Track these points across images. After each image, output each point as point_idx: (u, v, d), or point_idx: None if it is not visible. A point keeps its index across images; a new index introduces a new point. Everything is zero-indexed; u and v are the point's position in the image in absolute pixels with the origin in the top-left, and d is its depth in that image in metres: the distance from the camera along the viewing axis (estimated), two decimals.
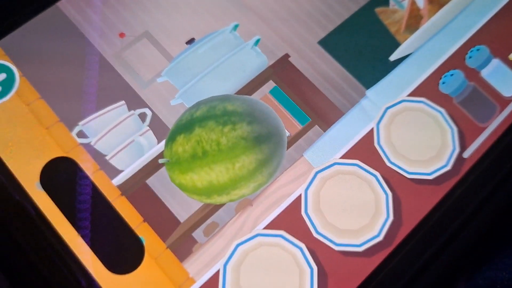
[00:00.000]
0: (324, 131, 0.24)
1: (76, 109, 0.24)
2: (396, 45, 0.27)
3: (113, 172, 0.23)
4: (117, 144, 0.23)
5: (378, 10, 0.27)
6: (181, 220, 0.22)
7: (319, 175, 0.23)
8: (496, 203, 0.24)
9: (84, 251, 0.21)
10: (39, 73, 0.24)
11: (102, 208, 0.22)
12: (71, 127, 0.23)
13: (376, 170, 0.24)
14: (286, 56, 0.26)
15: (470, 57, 0.27)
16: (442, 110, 0.25)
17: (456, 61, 0.27)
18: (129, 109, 0.24)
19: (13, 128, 0.23)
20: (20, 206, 0.22)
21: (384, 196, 0.23)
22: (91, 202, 0.22)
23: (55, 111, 0.23)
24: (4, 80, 0.24)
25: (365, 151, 0.24)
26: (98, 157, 0.23)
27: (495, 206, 0.24)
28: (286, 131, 0.24)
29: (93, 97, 0.24)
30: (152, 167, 0.23)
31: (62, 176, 0.23)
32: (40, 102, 0.24)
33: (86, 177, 0.22)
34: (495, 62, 0.27)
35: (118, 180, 0.23)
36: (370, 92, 0.25)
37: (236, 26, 0.26)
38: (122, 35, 0.25)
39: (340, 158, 0.24)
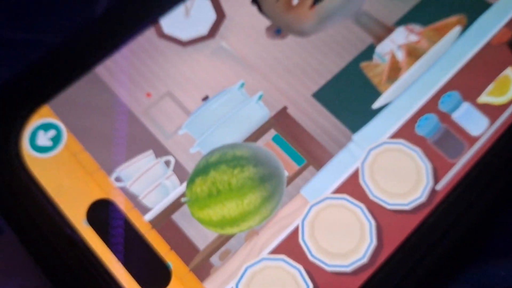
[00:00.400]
0: (317, 170, 0.29)
1: (113, 158, 0.29)
2: (378, 94, 0.31)
3: (145, 210, 0.28)
4: (147, 186, 0.28)
5: (362, 65, 0.32)
6: (201, 248, 0.27)
7: (313, 208, 0.28)
8: (462, 227, 0.28)
9: (122, 274, 0.26)
10: (82, 129, 0.29)
11: (136, 240, 0.27)
12: (109, 173, 0.29)
13: (362, 202, 0.28)
14: (285, 108, 0.31)
15: (442, 102, 0.32)
16: (418, 149, 0.30)
17: (430, 106, 0.31)
18: (156, 157, 0.29)
19: (63, 175, 0.28)
20: (71, 240, 0.27)
21: (368, 224, 0.28)
22: (127, 235, 0.27)
23: (96, 160, 0.29)
24: (54, 136, 0.29)
25: (352, 186, 0.29)
26: (132, 198, 0.28)
27: (461, 229, 0.28)
28: (286, 171, 0.29)
29: (126, 148, 0.29)
30: (176, 205, 0.28)
31: (104, 214, 0.28)
32: (84, 153, 0.29)
33: (123, 214, 0.28)
34: (465, 105, 0.32)
35: (149, 216, 0.28)
36: (355, 136, 0.30)
37: (242, 84, 0.31)
38: (148, 94, 0.30)
39: (331, 193, 0.29)
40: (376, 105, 0.31)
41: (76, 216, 0.26)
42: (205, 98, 0.30)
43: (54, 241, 0.27)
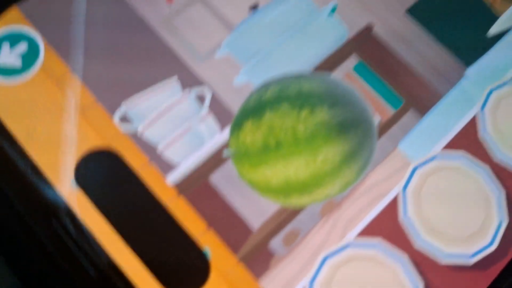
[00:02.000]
0: (421, 116, 0.20)
1: (117, 87, 0.19)
2: (493, 17, 0.22)
3: (167, 167, 0.18)
4: (170, 132, 0.19)
5: None
6: (254, 227, 0.18)
7: (418, 171, 0.19)
8: None
9: (135, 268, 0.17)
10: (69, 42, 0.19)
11: (155, 213, 0.18)
12: (112, 109, 0.19)
13: (486, 163, 0.19)
14: (370, 26, 0.21)
15: None
16: None
17: None
18: (183, 88, 0.19)
19: (39, 112, 0.18)
20: (51, 209, 0.17)
21: (494, 193, 0.19)
22: (140, 205, 0.18)
23: (90, 89, 0.19)
24: (26, 52, 0.19)
25: (470, 141, 0.20)
26: (147, 148, 0.18)
27: None
28: (376, 116, 0.20)
29: (138, 74, 0.19)
30: (215, 160, 0.18)
31: (102, 172, 0.18)
32: (70, 78, 0.19)
33: (133, 174, 0.18)
34: None
35: (173, 177, 0.18)
36: (470, 71, 0.21)
37: None
38: (171, 0, 0.20)
39: (442, 149, 0.20)
40: (492, 31, 0.21)
41: (60, 174, 0.17)
42: (255, 7, 0.20)
43: (28, 209, 0.17)
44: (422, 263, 0.18)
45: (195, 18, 0.21)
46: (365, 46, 0.21)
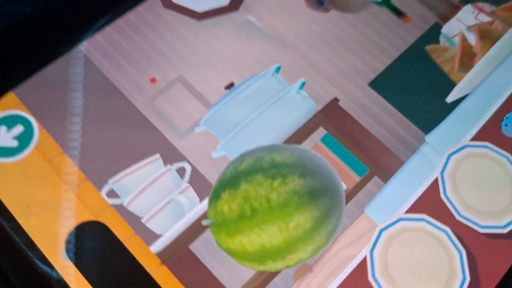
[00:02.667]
0: (385, 182, 0.22)
1: (105, 165, 0.21)
2: (451, 84, 0.24)
3: (151, 237, 0.20)
4: (153, 204, 0.20)
5: (428, 48, 0.25)
6: None
7: (384, 233, 0.21)
8: None
9: None
10: (61, 125, 0.21)
11: (140, 281, 0.19)
12: (100, 185, 0.20)
13: (446, 225, 0.21)
14: (335, 100, 0.23)
15: None
16: (508, 155, 0.23)
17: None
18: (165, 164, 0.21)
19: (33, 189, 0.20)
20: (44, 280, 0.19)
21: (457, 254, 0.20)
22: (126, 273, 0.19)
23: (80, 168, 0.21)
24: (21, 134, 0.21)
25: (431, 203, 0.21)
26: (133, 220, 0.20)
27: None
28: (343, 183, 0.21)
29: (124, 151, 0.21)
30: (195, 230, 0.20)
31: (91, 244, 0.19)
32: (63, 157, 0.21)
33: (120, 244, 0.19)
34: None
35: (156, 246, 0.20)
36: (430, 138, 0.23)
37: (278, 68, 0.23)
38: (153, 80, 0.23)
39: (405, 212, 0.21)
40: (450, 98, 0.24)
41: (51, 247, 0.18)
42: (230, 86, 0.23)
43: (22, 280, 0.18)
44: None
45: (175, 98, 0.23)
46: (332, 118, 0.23)
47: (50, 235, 0.19)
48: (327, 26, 0.25)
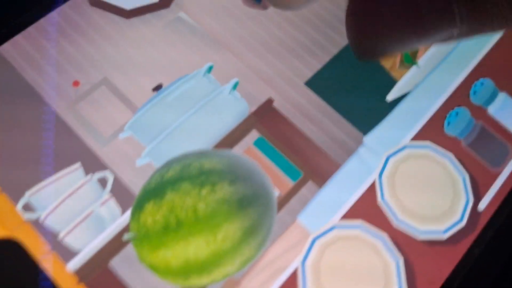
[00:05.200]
0: (320, 187, 0.21)
1: (21, 176, 0.19)
2: (392, 82, 0.23)
3: (68, 253, 0.18)
4: (72, 217, 0.19)
5: None
6: None
7: (317, 242, 0.20)
8: None
9: None
10: None
11: None
12: (16, 198, 0.19)
13: (383, 231, 0.20)
14: (270, 100, 0.22)
15: (474, 93, 0.24)
16: (450, 155, 0.22)
17: (460, 97, 0.24)
18: (86, 173, 0.20)
19: None
20: None
21: (393, 262, 0.20)
22: None
23: None
24: None
25: (368, 209, 0.21)
26: (50, 236, 0.19)
27: None
28: (276, 189, 0.20)
29: (42, 161, 0.20)
30: (116, 245, 0.19)
31: (4, 263, 0.18)
32: None
33: (34, 262, 0.18)
34: (502, 96, 0.24)
35: (74, 263, 0.18)
36: (368, 139, 0.22)
37: (210, 68, 0.22)
38: (76, 83, 0.21)
39: (341, 219, 0.20)
40: (390, 96, 0.23)
41: None
42: (158, 88, 0.21)
43: None
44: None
45: (99, 101, 0.21)
46: (265, 120, 0.22)
47: None
48: (264, 24, 0.24)
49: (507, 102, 0.24)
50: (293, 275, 0.19)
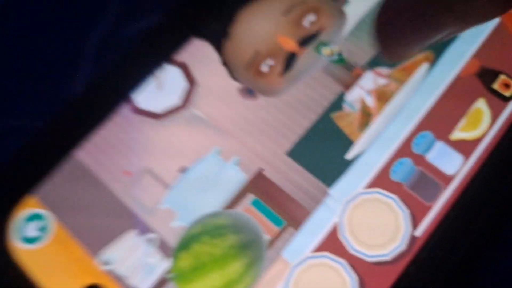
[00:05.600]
0: (296, 230, 0.30)
1: (98, 241, 0.30)
2: (352, 144, 0.32)
3: None
4: (133, 266, 0.29)
5: (334, 116, 0.33)
6: None
7: (296, 270, 0.29)
8: (446, 271, 0.29)
9: None
10: (69, 216, 0.31)
11: None
12: (97, 257, 0.30)
13: (343, 258, 0.29)
14: (261, 170, 0.31)
15: (416, 144, 0.32)
16: (395, 196, 0.30)
17: (404, 150, 0.32)
18: (140, 235, 0.30)
19: (53, 264, 0.30)
20: None
21: (350, 280, 0.28)
22: None
23: (84, 245, 0.30)
24: (42, 227, 0.30)
25: (332, 242, 0.30)
26: (120, 279, 0.29)
27: (445, 273, 0.29)
28: (266, 235, 0.30)
29: (110, 229, 0.30)
30: (163, 282, 0.29)
31: None
32: (71, 240, 0.30)
33: None
34: (438, 144, 0.32)
35: None
36: (332, 190, 0.31)
37: (218, 151, 0.32)
38: (128, 173, 0.32)
39: (312, 252, 0.29)
40: (350, 155, 0.31)
41: None
42: (183, 169, 0.31)
43: None
44: None
45: (144, 183, 0.31)
46: (258, 186, 0.31)
47: None
48: (255, 110, 0.33)
49: (442, 149, 0.32)
50: None
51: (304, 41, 0.33)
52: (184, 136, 0.32)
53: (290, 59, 0.33)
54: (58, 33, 0.38)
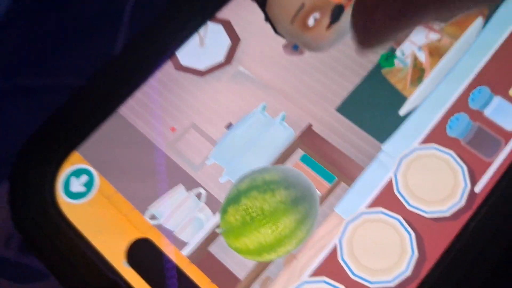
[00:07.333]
0: (349, 186, 0.29)
1: (145, 196, 0.29)
2: (405, 100, 0.31)
3: (182, 244, 0.28)
4: (181, 221, 0.29)
5: (384, 71, 0.32)
6: (241, 278, 0.27)
7: (350, 225, 0.28)
8: (508, 233, 0.27)
9: None
10: (113, 171, 0.30)
11: (177, 276, 0.27)
12: (144, 211, 0.29)
13: (398, 214, 0.28)
14: (309, 126, 0.30)
15: (472, 99, 0.31)
16: (452, 152, 0.29)
17: (460, 105, 0.30)
18: (187, 190, 0.29)
19: (99, 219, 0.29)
20: (113, 282, 0.28)
21: (407, 236, 0.27)
22: (168, 272, 0.28)
23: (129, 200, 0.29)
24: (87, 182, 0.30)
25: (387, 198, 0.28)
26: (168, 234, 0.28)
27: (507, 235, 0.27)
28: (318, 191, 0.29)
29: (157, 184, 0.30)
30: (212, 236, 0.28)
31: (143, 253, 0.28)
32: (117, 194, 0.29)
33: (161, 252, 0.28)
34: (496, 99, 0.31)
35: (186, 251, 0.28)
36: (385, 146, 0.29)
37: (264, 107, 0.31)
38: (173, 129, 0.31)
39: (366, 207, 0.28)
40: (403, 111, 0.30)
41: (116, 258, 0.27)
42: (229, 126, 0.30)
43: (97, 285, 0.27)
44: None
45: (190, 139, 0.31)
46: (307, 141, 0.30)
47: (114, 250, 0.28)
48: (301, 66, 0.32)
49: (500, 104, 0.31)
50: (333, 250, 0.27)
51: None
52: (229, 93, 0.32)
53: (337, 12, 0.32)
54: None
